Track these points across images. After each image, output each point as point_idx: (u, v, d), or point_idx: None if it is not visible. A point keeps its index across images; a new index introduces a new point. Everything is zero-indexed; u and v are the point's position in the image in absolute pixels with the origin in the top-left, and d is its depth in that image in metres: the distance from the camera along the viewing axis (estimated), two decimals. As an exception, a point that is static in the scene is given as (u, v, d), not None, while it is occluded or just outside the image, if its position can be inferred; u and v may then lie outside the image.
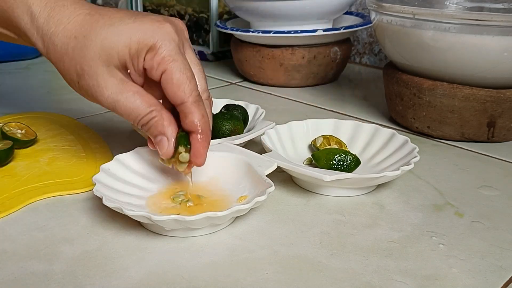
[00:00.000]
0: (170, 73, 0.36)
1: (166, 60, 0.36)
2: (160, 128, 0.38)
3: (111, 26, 0.37)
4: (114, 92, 0.37)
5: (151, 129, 0.38)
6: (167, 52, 0.36)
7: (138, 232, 0.38)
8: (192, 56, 0.40)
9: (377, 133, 0.50)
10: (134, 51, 0.36)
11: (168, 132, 0.38)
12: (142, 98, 0.38)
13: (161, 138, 0.38)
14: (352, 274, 0.34)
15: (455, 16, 0.51)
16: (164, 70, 0.36)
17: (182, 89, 0.37)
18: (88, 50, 0.37)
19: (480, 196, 0.45)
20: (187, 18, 0.95)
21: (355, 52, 0.98)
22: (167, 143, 0.38)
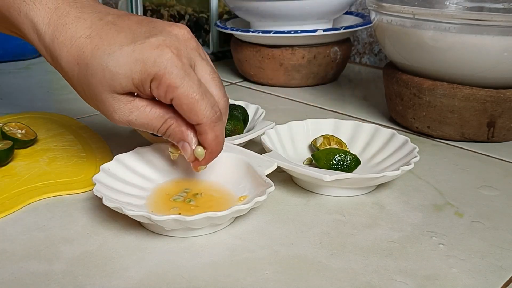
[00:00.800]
0: (178, 100, 0.36)
1: (171, 89, 0.35)
2: (179, 135, 0.38)
3: (111, 55, 0.36)
4: (124, 114, 0.38)
5: (171, 137, 0.39)
6: (171, 80, 0.35)
7: (138, 232, 0.38)
8: (203, 67, 0.38)
9: (377, 133, 0.50)
10: (137, 81, 0.36)
11: (188, 137, 0.38)
12: (153, 110, 0.38)
13: (183, 143, 0.39)
14: (352, 274, 0.34)
15: (455, 16, 0.51)
16: (172, 98, 0.36)
17: (194, 113, 0.36)
18: (91, 79, 0.37)
19: (480, 196, 0.45)
20: (187, 18, 0.95)
21: (355, 52, 0.98)
22: (190, 148, 0.39)
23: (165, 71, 0.35)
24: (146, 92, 0.37)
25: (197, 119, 0.36)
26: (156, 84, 0.36)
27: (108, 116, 0.38)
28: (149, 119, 0.38)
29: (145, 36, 0.36)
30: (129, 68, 0.35)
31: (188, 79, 0.36)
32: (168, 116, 0.38)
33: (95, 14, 0.38)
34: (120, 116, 0.38)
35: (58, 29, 0.38)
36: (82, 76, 0.37)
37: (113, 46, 0.36)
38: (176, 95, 0.36)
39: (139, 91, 0.37)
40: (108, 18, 0.38)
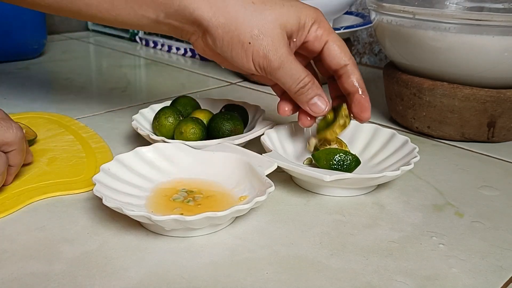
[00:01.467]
0: (333, 41, 0.44)
1: (328, 31, 0.44)
2: (316, 89, 0.44)
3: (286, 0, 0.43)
4: (284, 53, 0.42)
5: (309, 91, 0.44)
6: (327, 25, 0.44)
7: (138, 232, 0.38)
8: None
9: (377, 133, 0.50)
10: (302, 23, 0.43)
11: (323, 94, 0.45)
12: (300, 64, 0.44)
13: (318, 98, 0.44)
14: (352, 274, 0.34)
15: (455, 16, 0.51)
16: (327, 40, 0.44)
17: (344, 53, 0.44)
18: (269, 14, 0.42)
19: (480, 196, 0.45)
20: (187, 18, 0.95)
21: (355, 52, 0.98)
22: (325, 102, 0.45)
23: (322, 19, 0.44)
24: (303, 35, 0.43)
25: (346, 58, 0.44)
26: (316, 27, 0.44)
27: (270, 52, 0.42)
28: (299, 68, 0.43)
29: None
30: (299, 10, 0.43)
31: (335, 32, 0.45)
32: (309, 73, 0.44)
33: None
34: (281, 54, 0.42)
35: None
36: (257, 13, 0.42)
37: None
38: (331, 37, 0.44)
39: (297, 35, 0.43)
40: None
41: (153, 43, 1.09)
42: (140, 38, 1.12)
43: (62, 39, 1.17)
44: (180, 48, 1.02)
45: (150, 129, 0.53)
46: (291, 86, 0.44)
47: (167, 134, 0.51)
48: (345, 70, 0.44)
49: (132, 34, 1.15)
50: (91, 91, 0.76)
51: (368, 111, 0.45)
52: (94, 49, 1.10)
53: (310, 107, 0.45)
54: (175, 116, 0.51)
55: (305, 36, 0.44)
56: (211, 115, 0.53)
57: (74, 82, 0.80)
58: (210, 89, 0.78)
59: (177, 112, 0.52)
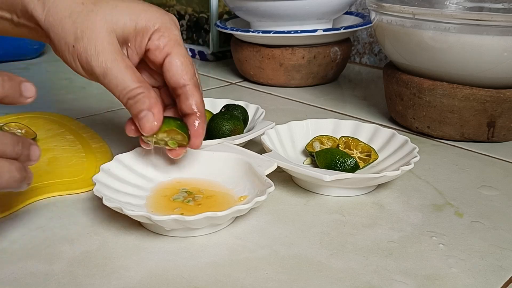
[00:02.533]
0: (175, 56, 0.38)
1: (172, 43, 0.38)
2: (147, 103, 0.38)
3: (123, 1, 0.38)
4: (108, 59, 0.37)
5: (138, 104, 0.38)
6: (173, 36, 0.38)
7: (138, 232, 0.38)
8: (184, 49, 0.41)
9: (377, 133, 0.50)
10: (140, 28, 0.38)
11: (156, 109, 0.38)
12: (133, 72, 0.38)
13: (147, 113, 0.38)
14: (352, 274, 0.34)
15: (455, 16, 0.51)
16: (169, 52, 0.38)
17: (186, 72, 0.38)
18: (95, 15, 0.37)
19: (480, 196, 0.45)
20: (187, 18, 0.95)
21: (355, 52, 0.98)
22: (153, 118, 0.38)
23: (170, 26, 0.38)
24: (142, 42, 0.38)
25: (187, 78, 0.38)
26: (159, 36, 0.38)
27: (92, 57, 0.37)
28: (127, 77, 0.37)
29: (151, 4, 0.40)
30: (137, 13, 0.38)
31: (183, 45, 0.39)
32: (143, 84, 0.38)
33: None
34: (104, 59, 0.37)
35: None
36: (84, 14, 0.37)
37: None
38: (174, 50, 0.38)
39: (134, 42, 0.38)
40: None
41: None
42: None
43: (62, 39, 1.17)
44: (180, 48, 1.02)
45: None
46: (119, 96, 0.38)
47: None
48: (184, 91, 0.39)
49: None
50: (91, 91, 0.76)
51: (200, 138, 0.40)
52: (94, 49, 1.10)
53: (138, 121, 0.38)
54: (175, 116, 0.51)
55: (145, 44, 0.38)
56: (211, 115, 0.53)
57: (74, 82, 0.79)
58: (210, 89, 0.78)
59: (177, 112, 0.52)
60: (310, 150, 0.49)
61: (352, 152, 0.48)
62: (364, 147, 0.48)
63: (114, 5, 0.38)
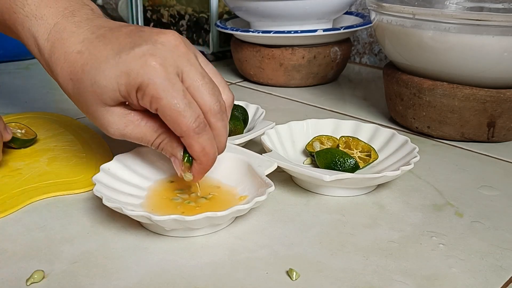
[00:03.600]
0: (162, 111, 0.36)
1: (155, 100, 0.35)
2: (170, 150, 0.39)
3: (98, 70, 0.36)
4: (118, 128, 0.38)
5: (164, 152, 0.39)
6: (154, 91, 0.35)
7: (138, 232, 0.38)
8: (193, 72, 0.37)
9: (377, 133, 0.50)
10: (124, 93, 0.36)
11: (178, 154, 0.39)
12: (147, 125, 0.38)
13: (174, 159, 0.39)
14: (352, 274, 0.34)
15: (455, 16, 0.51)
16: (156, 108, 0.36)
17: (177, 125, 0.36)
18: (84, 95, 0.38)
19: (480, 196, 0.45)
20: (187, 18, 0.95)
21: (355, 52, 0.98)
22: (179, 164, 0.39)
23: (148, 81, 0.35)
24: (134, 102, 0.37)
25: (180, 130, 0.36)
26: (141, 95, 0.36)
27: (104, 129, 0.39)
28: (143, 133, 0.38)
29: (130, 47, 0.36)
30: (115, 81, 0.36)
31: (171, 89, 0.35)
32: (161, 130, 0.38)
33: (90, 28, 0.39)
34: (115, 129, 0.38)
35: (54, 44, 0.39)
36: (76, 91, 0.38)
37: (100, 60, 0.36)
38: (159, 105, 0.35)
39: (128, 101, 0.38)
40: (100, 31, 0.38)
41: (153, 43, 1.09)
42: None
43: (62, 39, 1.17)
44: (180, 48, 1.02)
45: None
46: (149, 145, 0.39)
47: (167, 134, 0.51)
48: (183, 141, 0.37)
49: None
50: (91, 91, 0.76)
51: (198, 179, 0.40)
52: (94, 49, 1.10)
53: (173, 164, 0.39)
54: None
55: (136, 105, 0.37)
56: (211, 115, 0.53)
57: (74, 82, 0.79)
58: (210, 89, 0.78)
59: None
60: (310, 150, 0.49)
61: (352, 152, 0.48)
62: (365, 147, 0.48)
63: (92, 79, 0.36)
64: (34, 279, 0.32)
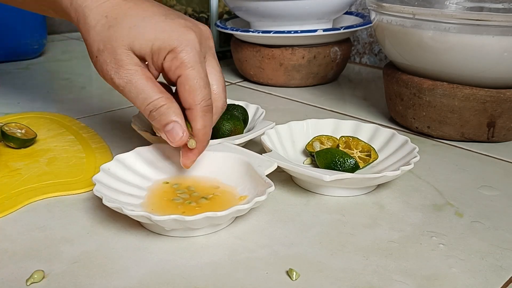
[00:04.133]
0: (184, 79, 0.38)
1: (183, 66, 0.38)
2: (171, 116, 0.39)
3: (143, 18, 0.39)
4: (128, 72, 0.39)
5: (162, 117, 0.39)
6: (186, 58, 0.38)
7: (138, 232, 0.38)
8: (214, 64, 0.42)
9: (377, 133, 0.50)
10: (156, 48, 0.38)
11: (182, 121, 0.39)
12: (154, 84, 0.39)
13: (174, 125, 0.39)
14: (352, 274, 0.34)
15: (455, 16, 0.51)
16: (180, 74, 0.38)
17: (193, 96, 0.38)
18: (115, 30, 0.39)
19: (480, 196, 0.45)
20: (187, 18, 0.95)
21: (355, 52, 0.98)
22: (181, 130, 0.39)
23: (184, 48, 0.38)
24: (158, 61, 0.39)
25: (192, 102, 0.38)
26: (172, 57, 0.38)
27: (113, 70, 0.39)
28: (150, 87, 0.39)
29: (176, 16, 0.40)
30: (154, 34, 0.38)
31: (200, 65, 0.39)
32: (164, 95, 0.39)
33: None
34: (124, 73, 0.39)
35: None
36: (106, 28, 0.39)
37: (147, 12, 0.39)
38: (185, 73, 0.38)
39: (151, 60, 0.39)
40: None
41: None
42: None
43: (62, 39, 1.17)
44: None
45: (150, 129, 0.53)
46: (141, 107, 0.39)
47: (167, 134, 0.51)
48: (189, 113, 0.39)
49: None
50: (91, 91, 0.76)
51: (189, 162, 0.41)
52: (94, 49, 1.10)
53: (166, 134, 0.39)
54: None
55: (160, 63, 0.39)
56: (211, 115, 0.53)
57: (74, 82, 0.79)
58: (210, 89, 0.78)
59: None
60: (310, 150, 0.49)
61: (352, 152, 0.48)
62: (365, 146, 0.48)
63: (133, 23, 0.39)
64: (34, 279, 0.32)
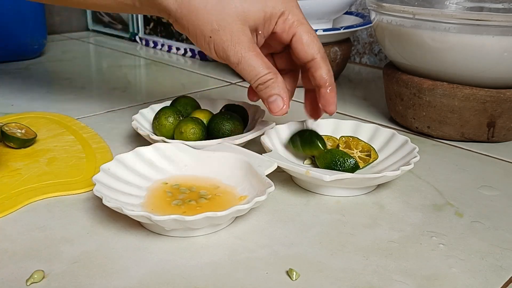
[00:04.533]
0: (300, 35, 0.43)
1: (296, 24, 0.43)
2: (276, 89, 0.43)
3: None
4: (243, 48, 0.42)
5: (268, 89, 0.43)
6: (296, 17, 0.43)
7: (138, 232, 0.38)
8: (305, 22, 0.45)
9: (377, 133, 0.50)
10: (268, 15, 0.42)
11: (284, 94, 0.43)
12: (264, 60, 0.43)
13: (277, 97, 0.43)
14: (352, 274, 0.34)
15: (455, 16, 0.51)
16: (294, 32, 0.42)
17: (312, 47, 0.43)
18: (229, 7, 0.41)
19: (480, 196, 0.45)
20: (187, 18, 0.95)
21: (355, 52, 0.98)
22: (283, 102, 0.43)
23: (292, 9, 0.43)
24: (270, 27, 0.43)
25: (312, 52, 0.43)
26: (284, 19, 0.42)
27: (229, 47, 0.42)
28: (260, 63, 0.42)
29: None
30: (264, 3, 0.42)
31: (307, 22, 0.44)
32: (272, 70, 0.43)
33: None
34: (239, 49, 0.41)
35: None
36: (219, 6, 0.41)
37: None
38: (299, 30, 0.43)
39: (263, 28, 0.43)
40: None
41: (153, 43, 1.09)
42: (140, 38, 1.12)
43: (62, 39, 1.17)
44: (180, 48, 1.02)
45: (150, 129, 0.53)
46: (251, 81, 0.43)
47: (167, 134, 0.51)
48: (312, 64, 0.44)
49: (132, 34, 1.15)
50: (91, 91, 0.76)
51: (333, 105, 0.45)
52: (94, 49, 1.10)
53: (269, 104, 0.44)
54: (175, 116, 0.51)
55: (272, 28, 0.43)
56: (211, 115, 0.53)
57: (74, 82, 0.79)
58: (210, 89, 0.78)
59: (177, 112, 0.52)
60: None
61: (352, 152, 0.48)
62: (365, 146, 0.48)
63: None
64: (34, 279, 0.32)
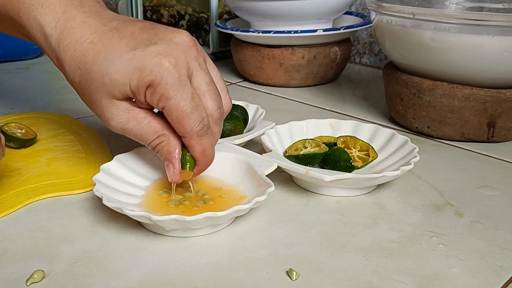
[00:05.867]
0: (169, 111, 0.36)
1: (164, 98, 0.36)
2: (166, 154, 0.39)
3: (111, 62, 0.37)
4: (120, 122, 0.38)
5: (159, 154, 0.40)
6: (165, 90, 0.36)
7: (138, 232, 0.38)
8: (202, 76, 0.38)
9: (377, 133, 0.50)
10: (134, 88, 0.37)
11: (174, 158, 0.39)
12: (148, 124, 0.38)
13: (168, 163, 0.39)
14: (352, 274, 0.34)
15: (455, 16, 0.51)
16: (163, 107, 0.37)
17: (182, 125, 0.37)
18: (91, 84, 0.38)
19: (480, 196, 0.45)
20: (187, 18, 0.95)
21: (355, 52, 0.98)
22: (173, 169, 0.39)
23: (160, 80, 0.36)
24: (141, 99, 0.37)
25: (184, 131, 0.37)
26: (151, 92, 0.36)
27: (105, 121, 0.39)
28: (144, 131, 0.38)
29: (145, 44, 0.37)
30: (127, 75, 0.36)
31: (181, 91, 0.36)
32: (162, 132, 0.38)
33: (101, 19, 0.39)
34: (117, 123, 0.39)
35: (63, 32, 0.39)
36: (83, 81, 0.38)
37: (114, 53, 0.37)
38: (167, 105, 0.36)
39: (135, 98, 0.38)
40: (112, 24, 0.39)
41: (153, 43, 1.09)
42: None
43: (62, 39, 1.17)
44: (180, 48, 1.02)
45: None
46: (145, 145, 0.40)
47: (167, 134, 0.51)
48: (185, 141, 0.38)
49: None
50: (91, 91, 0.76)
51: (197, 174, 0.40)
52: (94, 49, 1.10)
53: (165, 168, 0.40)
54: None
55: (143, 102, 0.38)
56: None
57: (74, 82, 0.79)
58: (210, 89, 0.78)
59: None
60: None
61: (351, 151, 0.48)
62: (363, 145, 0.48)
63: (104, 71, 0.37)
64: (34, 279, 0.32)
